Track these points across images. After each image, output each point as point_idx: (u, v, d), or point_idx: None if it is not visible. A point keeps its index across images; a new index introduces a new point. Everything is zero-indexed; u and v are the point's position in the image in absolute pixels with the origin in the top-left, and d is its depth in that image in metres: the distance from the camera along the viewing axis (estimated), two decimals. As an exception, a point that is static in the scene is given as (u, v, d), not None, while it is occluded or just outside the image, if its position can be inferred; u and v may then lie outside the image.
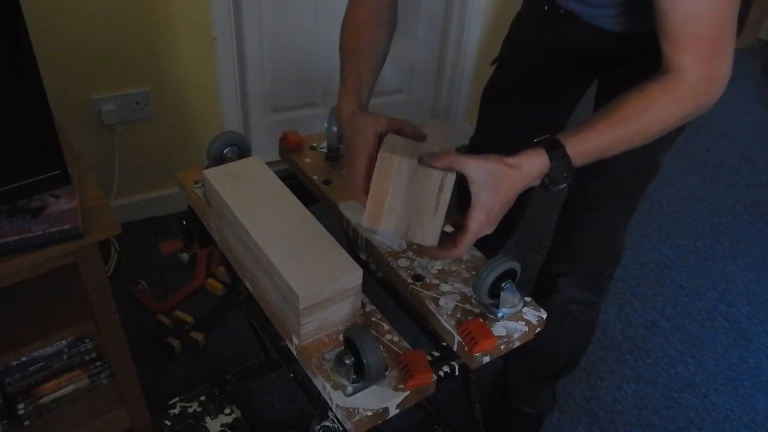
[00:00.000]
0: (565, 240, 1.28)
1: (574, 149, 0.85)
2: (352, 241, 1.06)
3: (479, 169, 0.82)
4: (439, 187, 0.83)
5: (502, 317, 0.88)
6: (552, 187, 0.87)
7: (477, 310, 0.89)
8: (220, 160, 1.06)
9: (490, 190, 0.82)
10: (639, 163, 1.14)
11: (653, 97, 0.85)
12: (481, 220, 0.83)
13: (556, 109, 1.29)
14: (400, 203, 0.85)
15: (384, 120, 0.93)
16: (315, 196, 1.13)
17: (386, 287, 1.01)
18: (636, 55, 1.07)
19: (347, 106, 0.97)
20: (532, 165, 0.84)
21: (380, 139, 0.90)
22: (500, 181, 0.83)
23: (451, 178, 0.83)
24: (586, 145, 0.86)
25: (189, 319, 1.73)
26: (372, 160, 0.87)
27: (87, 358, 1.29)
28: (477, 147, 1.39)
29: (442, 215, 0.85)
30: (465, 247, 0.85)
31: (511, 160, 0.84)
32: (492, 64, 1.33)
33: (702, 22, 0.81)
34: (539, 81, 1.24)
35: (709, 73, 0.84)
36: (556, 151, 0.84)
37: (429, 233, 0.86)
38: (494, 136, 1.36)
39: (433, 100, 2.57)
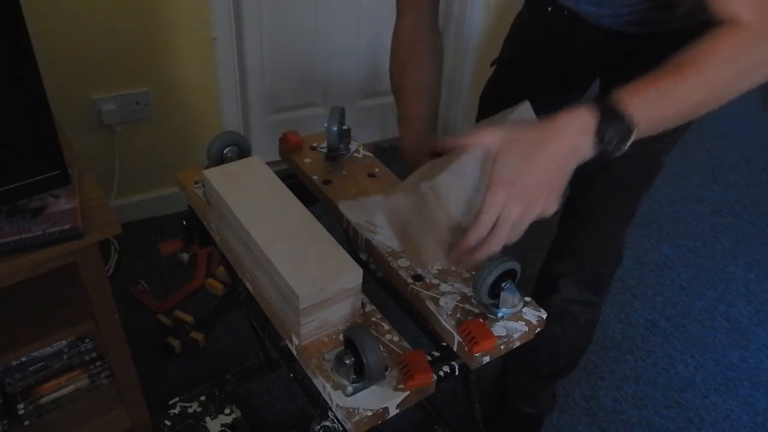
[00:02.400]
0: (566, 241, 1.28)
1: (627, 98, 0.72)
2: (352, 241, 1.06)
3: (494, 134, 0.73)
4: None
5: (502, 317, 0.88)
6: (609, 148, 0.72)
7: (477, 310, 0.89)
8: (220, 160, 1.06)
9: (513, 154, 0.71)
10: (641, 164, 1.14)
11: (711, 42, 0.73)
12: (500, 196, 0.71)
13: (556, 111, 1.29)
14: (427, 236, 0.81)
15: (438, 143, 0.87)
16: (315, 196, 1.13)
17: (386, 287, 1.01)
18: (640, 56, 1.07)
19: (406, 141, 0.98)
20: (570, 117, 0.72)
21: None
22: (528, 142, 0.72)
23: (441, 185, 0.76)
24: (643, 95, 0.72)
25: (189, 319, 1.73)
26: None
27: (87, 358, 1.29)
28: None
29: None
30: (478, 236, 0.74)
31: (541, 121, 0.73)
32: (492, 65, 1.33)
33: None
34: (540, 82, 1.24)
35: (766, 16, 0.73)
36: (600, 101, 0.73)
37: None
38: None
39: (433, 100, 2.57)
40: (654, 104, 0.73)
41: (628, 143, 0.73)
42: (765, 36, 0.74)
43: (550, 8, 1.14)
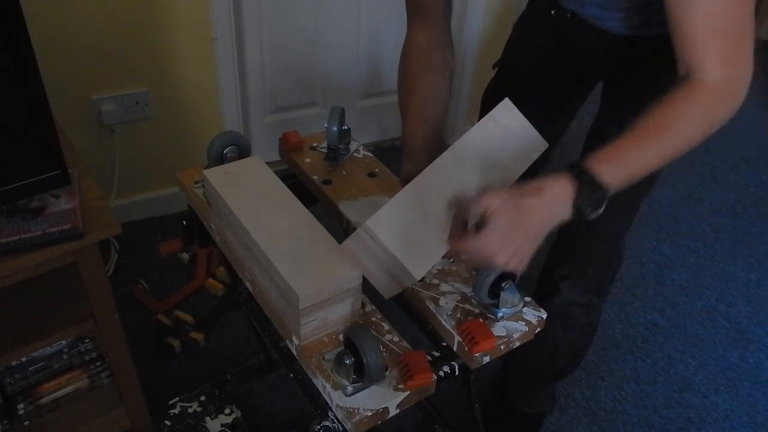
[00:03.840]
0: (568, 244, 1.27)
1: (602, 168, 0.80)
2: (352, 241, 1.06)
3: (496, 197, 0.79)
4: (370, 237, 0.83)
5: (502, 317, 0.88)
6: (588, 213, 0.82)
7: (477, 310, 0.89)
8: (220, 160, 1.06)
9: (507, 215, 0.78)
10: None
11: (676, 106, 0.82)
12: (491, 242, 0.78)
13: (558, 114, 1.28)
14: (380, 270, 0.85)
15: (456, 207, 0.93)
16: (315, 196, 1.13)
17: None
18: (642, 58, 1.07)
19: (406, 164, 1.00)
20: (555, 187, 0.80)
21: None
22: (521, 209, 0.78)
23: (372, 223, 0.82)
24: (616, 163, 0.81)
25: (189, 319, 1.73)
26: None
27: (87, 358, 1.29)
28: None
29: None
30: (465, 250, 0.80)
31: (531, 185, 0.80)
32: (493, 68, 1.33)
33: (718, 16, 0.78)
34: (542, 86, 1.24)
35: (731, 71, 0.81)
36: (578, 170, 0.80)
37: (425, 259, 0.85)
38: None
39: (433, 100, 2.57)
40: (625, 169, 0.83)
41: (602, 209, 0.83)
42: (724, 96, 0.83)
43: (553, 11, 1.13)
